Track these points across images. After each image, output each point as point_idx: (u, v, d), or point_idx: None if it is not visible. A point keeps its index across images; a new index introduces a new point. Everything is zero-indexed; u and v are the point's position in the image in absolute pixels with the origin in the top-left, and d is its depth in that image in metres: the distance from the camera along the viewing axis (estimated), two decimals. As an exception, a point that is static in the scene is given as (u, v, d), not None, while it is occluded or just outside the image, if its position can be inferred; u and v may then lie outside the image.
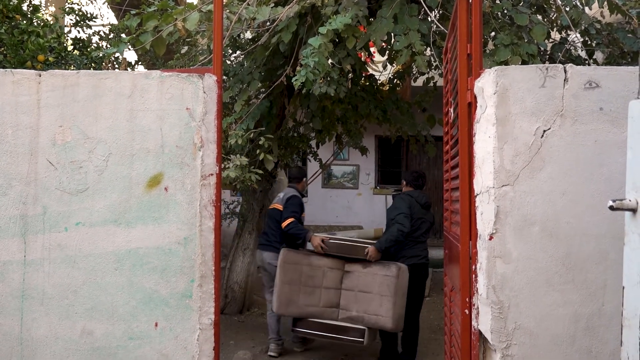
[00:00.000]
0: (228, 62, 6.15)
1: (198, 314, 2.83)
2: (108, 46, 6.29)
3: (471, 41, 2.78)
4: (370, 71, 6.77)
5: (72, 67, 5.54)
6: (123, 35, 5.89)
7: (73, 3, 6.07)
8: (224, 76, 5.42)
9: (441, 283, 5.98)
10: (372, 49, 6.24)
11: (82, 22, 6.02)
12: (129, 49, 4.96)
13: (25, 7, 5.45)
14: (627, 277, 1.85)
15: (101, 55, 5.42)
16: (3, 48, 5.17)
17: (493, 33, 4.56)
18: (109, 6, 8.74)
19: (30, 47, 5.05)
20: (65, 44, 5.83)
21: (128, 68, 7.01)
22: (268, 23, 4.79)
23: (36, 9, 5.55)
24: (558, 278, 2.55)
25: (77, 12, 5.95)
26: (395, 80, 6.76)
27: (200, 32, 5.18)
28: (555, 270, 2.55)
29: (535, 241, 2.56)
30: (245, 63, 5.72)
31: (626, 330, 1.84)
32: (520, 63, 4.14)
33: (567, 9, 4.76)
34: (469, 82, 2.78)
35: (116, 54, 4.95)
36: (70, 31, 6.29)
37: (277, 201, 5.18)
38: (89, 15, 6.06)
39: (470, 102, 2.79)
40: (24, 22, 5.24)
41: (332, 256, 4.67)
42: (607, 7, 4.78)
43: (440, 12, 4.90)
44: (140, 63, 7.50)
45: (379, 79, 6.77)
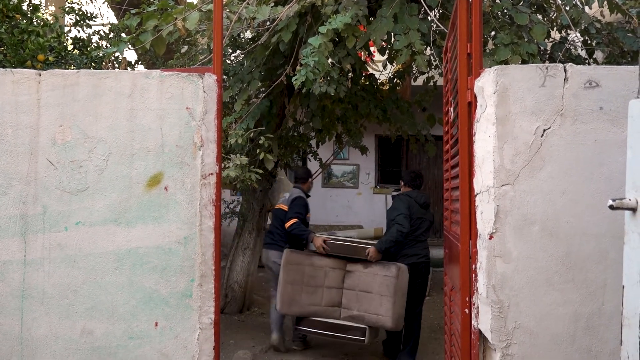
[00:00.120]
0: (228, 62, 6.15)
1: (198, 314, 2.83)
2: (108, 46, 6.29)
3: (471, 40, 2.78)
4: (370, 70, 6.76)
5: (72, 67, 5.54)
6: (123, 34, 5.88)
7: (73, 2, 6.05)
8: (224, 76, 5.42)
9: (441, 282, 5.98)
10: (372, 49, 6.24)
11: (82, 22, 6.02)
12: (129, 49, 4.95)
13: (25, 7, 5.45)
14: (627, 276, 1.85)
15: (101, 54, 5.42)
16: (3, 47, 5.17)
17: (493, 32, 4.55)
18: (109, 5, 8.74)
19: (30, 47, 5.05)
20: (65, 44, 5.83)
21: (128, 67, 7.00)
22: (268, 22, 4.79)
23: (36, 9, 5.55)
24: (558, 277, 2.55)
25: (77, 12, 5.95)
26: (395, 79, 6.75)
27: (200, 32, 5.18)
28: (555, 269, 2.55)
29: (535, 240, 2.57)
30: (245, 62, 5.71)
31: (626, 329, 1.84)
32: (520, 62, 4.14)
33: (567, 9, 4.75)
34: (469, 82, 2.78)
35: (116, 54, 4.95)
36: (70, 31, 6.28)
37: (283, 201, 5.30)
38: (89, 14, 6.06)
39: (470, 102, 2.79)
40: (24, 22, 5.24)
41: (334, 256, 4.75)
42: (607, 7, 4.78)
43: (440, 12, 4.89)
44: (140, 62, 7.50)
45: (379, 79, 6.76)
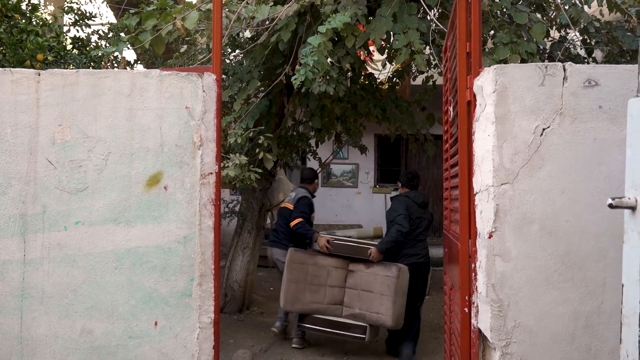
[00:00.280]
0: (227, 61, 6.14)
1: (198, 313, 2.83)
2: (107, 45, 6.28)
3: (470, 40, 2.78)
4: (369, 70, 6.76)
5: (71, 66, 5.54)
6: (122, 34, 5.88)
7: (72, 2, 6.04)
8: (223, 75, 5.41)
9: (441, 281, 5.98)
10: (372, 48, 6.23)
11: (81, 21, 6.01)
12: (128, 48, 4.94)
13: (24, 6, 5.45)
14: (627, 275, 1.85)
15: (100, 54, 5.41)
16: (2, 47, 5.17)
17: (492, 31, 4.55)
18: (108, 5, 8.73)
19: (29, 46, 5.05)
20: (64, 43, 5.83)
21: (127, 67, 6.99)
22: (267, 22, 4.79)
23: (35, 8, 5.54)
24: (557, 276, 2.55)
25: (76, 11, 5.94)
26: (394, 79, 6.75)
27: (199, 31, 5.17)
28: (554, 268, 2.56)
29: (534, 239, 2.57)
30: (244, 62, 5.70)
31: (625, 328, 1.84)
32: (519, 61, 4.14)
33: (566, 8, 4.75)
34: (469, 81, 2.78)
35: (115, 53, 4.93)
36: (69, 30, 6.27)
37: (289, 200, 5.50)
38: (88, 14, 6.06)
39: (469, 101, 2.79)
40: (23, 21, 5.24)
41: (337, 256, 4.89)
42: (606, 6, 4.78)
43: (439, 11, 4.88)
44: (139, 62, 7.48)
45: (378, 78, 6.76)
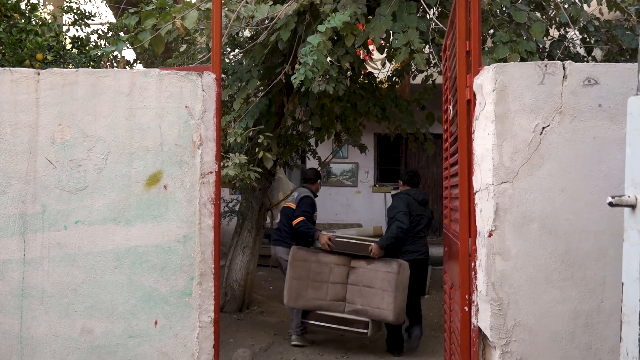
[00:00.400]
0: (227, 61, 6.14)
1: (198, 312, 2.83)
2: (106, 45, 6.27)
3: (470, 38, 2.77)
4: (369, 69, 6.76)
5: (71, 66, 5.53)
6: (121, 33, 5.87)
7: (71, 1, 6.03)
8: (223, 74, 5.42)
9: (441, 280, 5.98)
10: (371, 47, 6.23)
11: (81, 21, 6.00)
12: (128, 48, 4.93)
13: (23, 6, 5.45)
14: (627, 274, 1.85)
15: (100, 53, 5.41)
16: (1, 47, 5.16)
17: (492, 30, 4.54)
18: (107, 4, 8.72)
19: (28, 46, 5.04)
20: (63, 43, 5.83)
21: (127, 66, 6.98)
22: (267, 21, 4.79)
23: (34, 8, 5.54)
24: (557, 275, 2.55)
25: (76, 11, 5.93)
26: (394, 78, 6.74)
27: (199, 31, 5.17)
28: (554, 267, 2.56)
29: (534, 238, 2.57)
30: (244, 61, 5.70)
31: (625, 326, 1.84)
32: (519, 60, 4.14)
33: (566, 6, 4.76)
34: (468, 80, 2.78)
35: (115, 53, 4.93)
36: (68, 30, 6.26)
37: (292, 200, 5.69)
38: (87, 13, 6.05)
39: (469, 100, 2.79)
40: (23, 21, 5.23)
41: (339, 253, 4.99)
42: (606, 4, 4.79)
43: (439, 10, 4.88)
44: (138, 61, 7.47)
45: (378, 77, 6.75)
